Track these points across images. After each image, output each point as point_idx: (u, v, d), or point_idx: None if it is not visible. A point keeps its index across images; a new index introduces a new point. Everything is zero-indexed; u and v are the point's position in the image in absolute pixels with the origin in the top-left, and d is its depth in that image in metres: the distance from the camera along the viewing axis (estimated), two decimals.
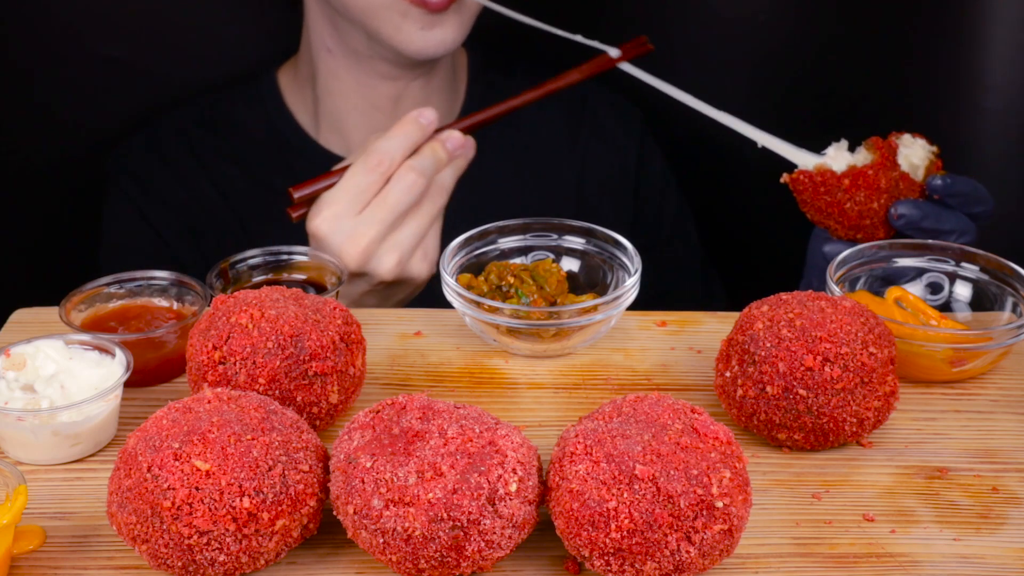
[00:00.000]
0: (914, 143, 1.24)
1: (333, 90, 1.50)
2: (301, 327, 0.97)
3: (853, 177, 1.19)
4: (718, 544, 0.83)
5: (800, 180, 1.22)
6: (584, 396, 1.08)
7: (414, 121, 1.25)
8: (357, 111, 1.51)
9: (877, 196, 1.19)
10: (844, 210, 1.20)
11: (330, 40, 1.47)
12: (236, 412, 0.87)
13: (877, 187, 1.19)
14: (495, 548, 0.83)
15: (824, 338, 0.96)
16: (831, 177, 1.20)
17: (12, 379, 0.99)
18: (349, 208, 1.22)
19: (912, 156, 1.23)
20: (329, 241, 1.23)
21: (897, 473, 0.98)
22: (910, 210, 1.19)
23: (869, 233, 1.21)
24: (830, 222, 1.23)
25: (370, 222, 1.22)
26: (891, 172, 1.20)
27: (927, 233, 1.20)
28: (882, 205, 1.20)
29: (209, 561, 0.83)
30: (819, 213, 1.23)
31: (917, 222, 1.19)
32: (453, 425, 0.84)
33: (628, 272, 1.16)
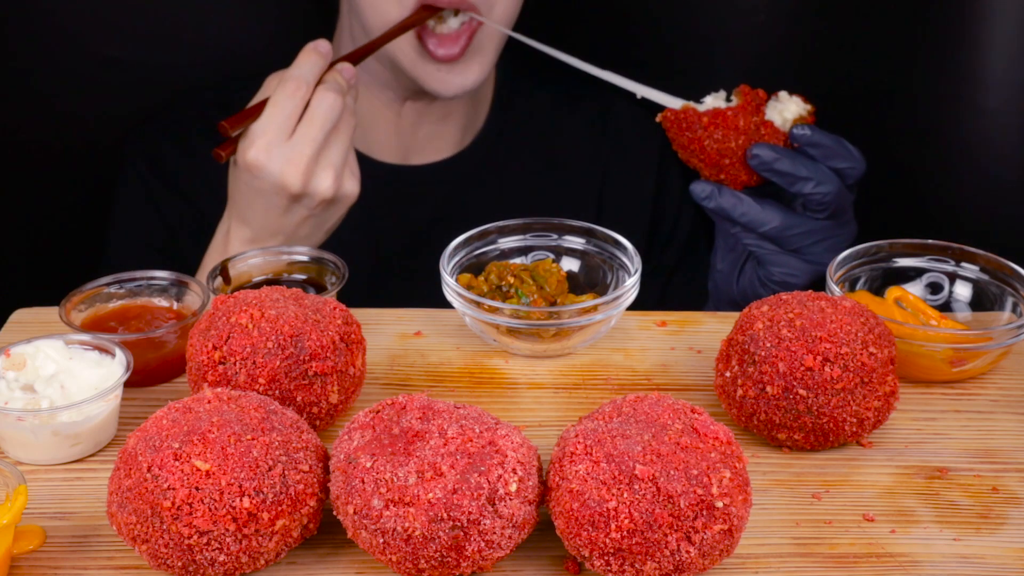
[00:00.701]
0: (790, 100, 1.28)
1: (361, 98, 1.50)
2: (301, 327, 0.97)
3: (712, 116, 1.25)
4: (718, 544, 0.83)
5: (668, 118, 1.28)
6: (584, 396, 1.08)
7: (315, 50, 1.27)
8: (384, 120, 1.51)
9: (735, 136, 1.25)
10: (704, 147, 1.26)
11: None
12: (236, 412, 0.87)
13: (735, 127, 1.25)
14: (495, 548, 0.83)
15: (824, 338, 0.96)
16: (693, 115, 1.26)
17: (12, 379, 0.99)
18: (280, 134, 1.23)
19: (785, 111, 1.27)
20: (268, 170, 1.23)
21: (897, 473, 0.98)
22: (765, 151, 1.24)
23: (731, 174, 1.27)
24: (694, 160, 1.28)
25: (303, 142, 1.23)
26: (751, 116, 1.25)
27: (783, 177, 1.24)
28: (740, 146, 1.25)
29: (209, 561, 0.83)
30: (684, 151, 1.29)
31: (770, 163, 1.24)
32: (453, 425, 0.84)
33: (628, 272, 1.16)
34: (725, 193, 1.27)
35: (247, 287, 1.16)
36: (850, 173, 1.27)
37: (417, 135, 1.53)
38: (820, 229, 1.29)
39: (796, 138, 1.25)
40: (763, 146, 1.25)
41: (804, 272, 1.31)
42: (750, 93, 1.27)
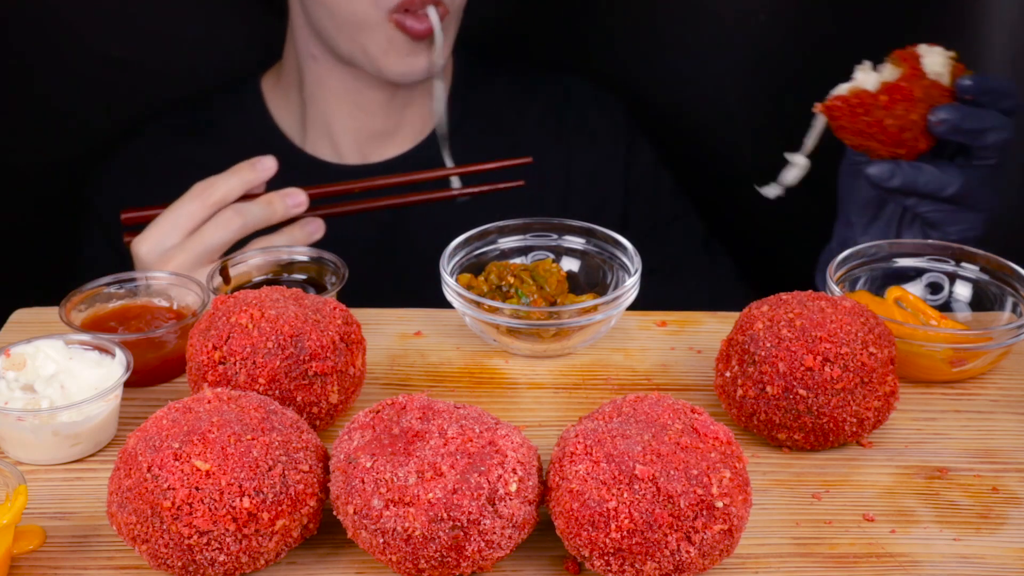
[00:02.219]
0: (931, 51, 1.22)
1: (319, 97, 1.51)
2: (301, 327, 0.97)
3: (889, 92, 1.18)
4: (718, 544, 0.83)
5: (835, 107, 1.21)
6: (584, 396, 1.08)
7: (250, 165, 1.28)
8: (344, 115, 1.51)
9: (915, 107, 1.18)
10: (884, 127, 1.19)
11: (315, 48, 1.47)
12: (236, 412, 0.87)
13: (913, 98, 1.18)
14: (495, 548, 0.83)
15: (824, 338, 0.96)
16: (867, 96, 1.19)
17: (12, 379, 0.99)
18: (169, 233, 1.26)
19: (934, 64, 1.21)
20: (142, 260, 1.27)
21: (897, 473, 0.98)
22: (950, 114, 1.19)
23: (911, 147, 1.21)
24: (871, 143, 1.21)
25: (181, 249, 1.25)
26: (923, 81, 1.19)
27: (969, 135, 1.19)
28: (921, 116, 1.19)
29: (209, 561, 0.83)
30: (859, 136, 1.22)
31: (959, 124, 1.18)
32: (453, 425, 0.84)
33: (628, 272, 1.16)
34: (905, 168, 1.22)
35: (247, 287, 1.16)
36: (1015, 109, 1.23)
37: (383, 123, 1.53)
38: (990, 175, 1.24)
39: (967, 90, 1.20)
40: (945, 108, 1.18)
41: (980, 222, 1.27)
42: (909, 56, 1.20)
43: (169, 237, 1.26)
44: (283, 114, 1.55)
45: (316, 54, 1.48)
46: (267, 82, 1.57)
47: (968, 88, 1.20)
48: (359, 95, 1.49)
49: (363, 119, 1.52)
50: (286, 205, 1.28)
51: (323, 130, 1.53)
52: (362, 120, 1.52)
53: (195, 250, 1.26)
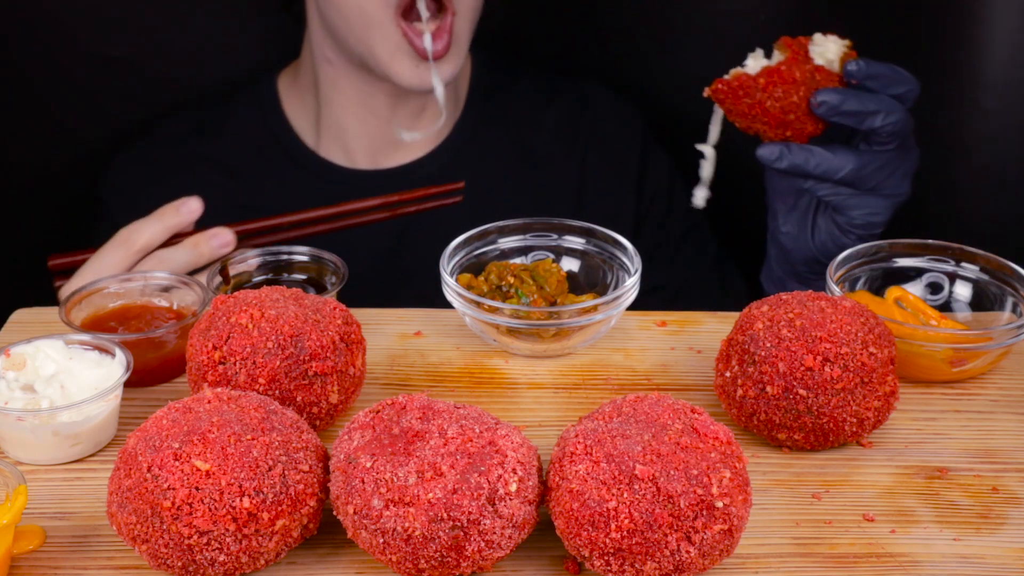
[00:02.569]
0: (826, 40, 1.25)
1: (333, 100, 1.50)
2: (301, 327, 0.97)
3: (768, 75, 1.21)
4: (718, 544, 0.83)
5: (719, 90, 1.23)
6: (584, 396, 1.08)
7: (174, 209, 1.27)
8: (357, 119, 1.51)
9: (795, 89, 1.21)
10: (766, 109, 1.22)
11: (330, 52, 1.47)
12: (236, 412, 0.87)
13: (793, 80, 1.21)
14: (495, 548, 0.83)
15: (824, 338, 0.96)
16: (747, 80, 1.22)
17: (12, 379, 0.99)
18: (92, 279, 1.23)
19: (827, 52, 1.24)
20: None
21: (897, 473, 0.98)
22: (830, 96, 1.20)
23: (798, 129, 1.23)
24: (757, 125, 1.24)
25: None
26: (804, 65, 1.22)
27: (852, 116, 1.21)
28: (802, 97, 1.21)
29: (209, 561, 0.83)
30: (745, 118, 1.24)
31: (838, 106, 1.20)
32: (453, 425, 0.84)
33: (628, 272, 1.16)
34: (794, 149, 1.23)
35: (247, 287, 1.16)
36: (909, 96, 1.24)
37: (388, 134, 1.52)
38: (891, 160, 1.25)
39: (852, 74, 1.22)
40: (826, 91, 1.20)
41: (885, 208, 1.28)
42: (793, 42, 1.23)
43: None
44: (297, 114, 1.55)
45: (331, 57, 1.47)
46: (283, 81, 1.57)
47: (852, 72, 1.22)
48: (371, 99, 1.49)
49: (375, 124, 1.51)
50: (212, 247, 1.26)
51: (336, 134, 1.52)
52: (374, 125, 1.51)
53: None
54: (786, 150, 1.23)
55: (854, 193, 1.26)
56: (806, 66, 1.22)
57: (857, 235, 1.28)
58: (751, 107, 1.22)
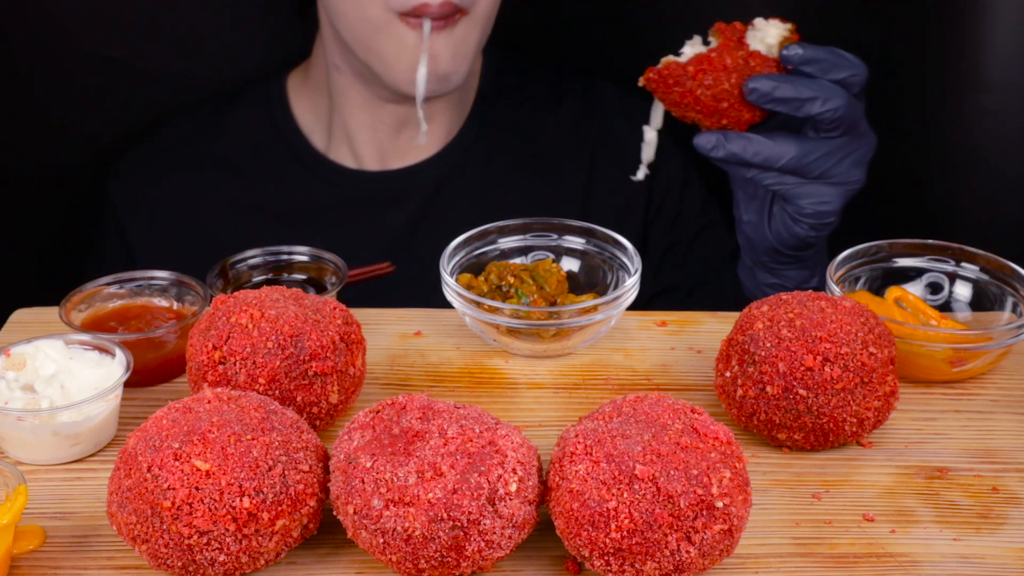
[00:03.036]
0: (767, 24, 1.22)
1: (343, 106, 1.50)
2: (301, 327, 0.97)
3: (697, 63, 1.18)
4: (718, 544, 0.83)
5: (651, 79, 1.21)
6: (584, 396, 1.08)
7: None
8: (365, 127, 1.51)
9: (726, 76, 1.18)
10: (697, 97, 1.19)
11: (339, 59, 1.47)
12: (236, 412, 0.87)
13: (724, 67, 1.18)
14: (495, 548, 0.83)
15: (824, 338, 0.96)
16: (677, 68, 1.19)
17: (12, 379, 0.99)
18: None
19: (767, 37, 1.21)
20: None
21: (897, 473, 0.98)
22: (761, 82, 1.17)
23: (733, 116, 1.20)
24: (691, 114, 1.21)
25: None
26: (737, 51, 1.19)
27: (787, 103, 1.17)
28: (734, 84, 1.18)
29: (209, 561, 0.83)
30: (678, 108, 1.22)
31: (770, 93, 1.17)
32: (453, 425, 0.84)
33: (628, 272, 1.16)
34: (732, 138, 1.20)
35: (247, 287, 1.16)
36: (853, 81, 1.20)
37: (399, 138, 1.52)
38: (839, 147, 1.22)
39: (788, 60, 1.19)
40: (758, 78, 1.17)
41: (835, 196, 1.25)
42: (727, 28, 1.20)
43: None
44: (307, 115, 1.54)
45: (339, 64, 1.47)
46: (293, 81, 1.56)
47: (788, 57, 1.18)
48: (379, 109, 1.48)
49: (383, 131, 1.51)
50: None
51: (345, 137, 1.52)
52: (382, 132, 1.51)
53: None
54: (723, 139, 1.20)
55: (801, 181, 1.23)
56: (739, 52, 1.19)
57: (809, 224, 1.25)
58: (682, 96, 1.19)
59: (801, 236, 1.24)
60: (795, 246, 1.27)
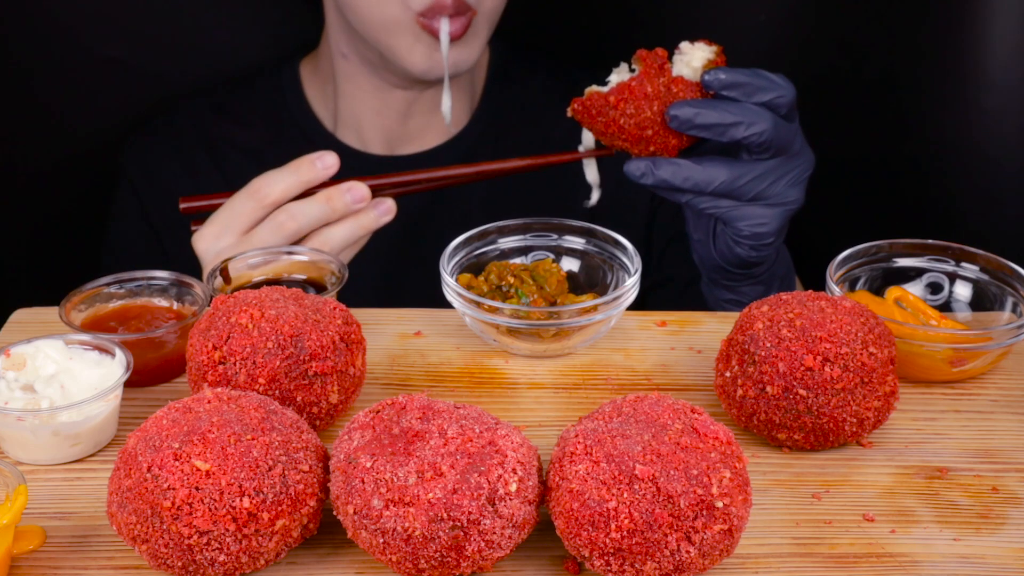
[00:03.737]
0: (693, 48, 1.21)
1: (348, 93, 1.51)
2: (301, 327, 0.97)
3: (618, 92, 1.18)
4: (718, 544, 0.83)
5: (576, 110, 1.21)
6: (584, 396, 1.08)
7: (310, 163, 1.24)
8: (372, 113, 1.52)
9: (648, 104, 1.18)
10: (621, 127, 1.19)
11: (345, 47, 1.48)
12: (236, 412, 0.87)
13: (644, 95, 1.17)
14: (495, 548, 0.83)
15: (824, 338, 0.96)
16: (598, 98, 1.19)
17: (12, 379, 0.99)
18: (221, 231, 1.23)
19: (693, 60, 1.20)
20: (201, 259, 1.25)
21: (897, 473, 0.98)
22: (682, 109, 1.17)
23: (660, 144, 1.20)
24: (618, 143, 1.21)
25: (234, 251, 1.22)
26: (657, 79, 1.18)
27: (710, 129, 1.17)
28: (657, 112, 1.18)
29: (209, 561, 0.83)
30: (605, 137, 1.22)
31: (691, 120, 1.17)
32: (453, 425, 0.84)
33: (628, 272, 1.16)
34: (661, 164, 1.19)
35: (247, 287, 1.16)
36: (779, 102, 1.20)
37: (407, 125, 1.53)
38: (772, 169, 1.21)
39: (709, 85, 1.18)
40: (679, 105, 1.17)
41: (772, 217, 1.24)
42: (648, 55, 1.19)
43: (223, 237, 1.23)
44: (318, 102, 1.56)
45: (346, 52, 1.48)
46: (305, 68, 1.57)
47: (708, 83, 1.18)
48: (387, 94, 1.49)
49: (391, 117, 1.52)
50: (346, 202, 1.23)
51: (352, 125, 1.54)
52: (389, 118, 1.52)
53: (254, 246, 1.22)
54: (652, 166, 1.20)
55: (736, 204, 1.23)
56: (660, 79, 1.18)
57: (749, 245, 1.25)
58: (607, 125, 1.19)
59: (743, 257, 1.24)
60: (740, 265, 1.28)
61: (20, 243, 1.65)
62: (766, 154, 1.20)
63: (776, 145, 1.20)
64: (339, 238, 1.24)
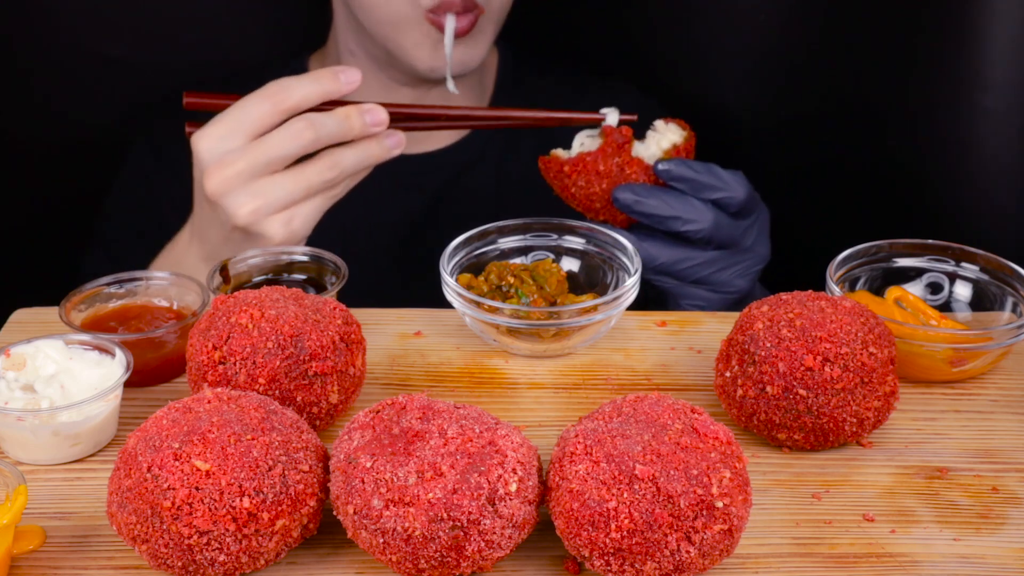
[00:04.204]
0: (666, 128, 1.24)
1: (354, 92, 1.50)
2: (301, 327, 0.97)
3: (573, 164, 1.22)
4: (718, 544, 0.83)
5: (541, 167, 1.26)
6: (584, 396, 1.08)
7: (332, 74, 1.18)
8: None
9: (598, 180, 1.21)
10: (573, 194, 1.24)
11: (353, 44, 1.47)
12: (236, 412, 0.87)
13: (596, 172, 1.21)
14: (495, 548, 0.83)
15: (824, 338, 0.96)
16: (556, 163, 1.24)
17: (12, 379, 0.99)
18: (229, 133, 1.15)
19: (662, 141, 1.23)
20: (200, 159, 1.17)
21: (897, 473, 0.98)
22: (625, 194, 1.19)
23: (608, 215, 1.24)
24: (573, 204, 1.26)
25: (242, 155, 1.14)
26: (612, 158, 1.21)
27: (650, 218, 1.19)
28: (605, 189, 1.22)
29: (209, 561, 0.83)
30: (561, 196, 1.26)
31: (630, 206, 1.19)
32: (453, 425, 0.84)
33: (628, 272, 1.16)
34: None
35: (247, 287, 1.16)
36: (728, 202, 1.21)
37: None
38: (715, 259, 1.23)
39: (659, 174, 1.20)
40: (624, 188, 1.20)
41: (713, 302, 1.26)
42: (612, 132, 1.22)
43: (231, 139, 1.15)
44: None
45: (353, 49, 1.47)
46: (313, 65, 1.57)
47: (660, 173, 1.21)
48: (393, 93, 1.49)
49: None
50: (364, 123, 1.18)
51: None
52: None
53: (257, 159, 1.14)
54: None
55: (678, 284, 1.25)
56: (615, 159, 1.21)
57: None
58: (561, 189, 1.25)
59: None
60: None
61: (20, 243, 1.65)
62: (708, 247, 1.22)
63: (717, 241, 1.22)
64: (350, 160, 1.19)
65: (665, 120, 1.26)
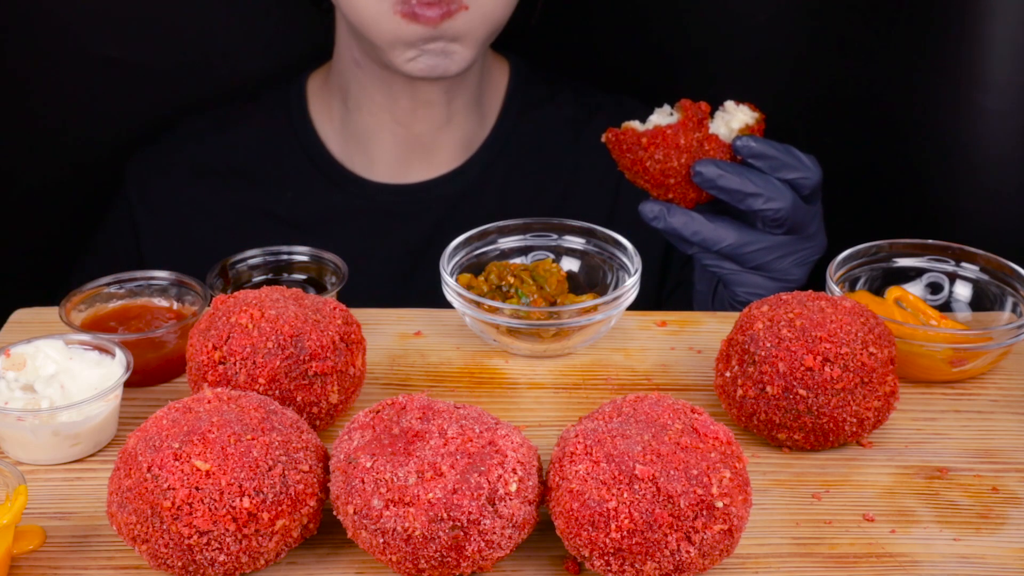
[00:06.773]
0: (737, 109, 1.22)
1: (361, 105, 1.48)
2: (301, 327, 0.97)
3: (652, 136, 1.19)
4: (718, 544, 0.83)
5: (609, 139, 1.22)
6: (584, 396, 1.08)
7: None
8: (383, 127, 1.48)
9: (677, 155, 1.18)
10: (646, 168, 1.20)
11: (357, 52, 1.44)
12: (236, 412, 0.87)
13: (676, 145, 1.18)
14: (495, 548, 0.83)
15: (824, 338, 0.96)
16: (632, 135, 1.20)
17: (12, 379, 0.99)
18: None
19: (732, 121, 1.21)
20: None
21: (897, 473, 0.98)
22: (708, 168, 1.18)
23: (678, 193, 1.21)
24: (639, 181, 1.22)
25: None
26: (693, 132, 1.19)
27: (730, 194, 1.18)
28: (683, 164, 1.19)
29: (209, 561, 0.83)
30: (628, 172, 1.23)
31: (714, 180, 1.17)
32: (453, 425, 0.84)
33: (628, 272, 1.16)
34: (675, 212, 1.20)
35: (247, 287, 1.16)
36: (803, 183, 1.20)
37: (417, 144, 1.49)
38: (781, 244, 1.23)
39: (738, 150, 1.19)
40: (706, 163, 1.18)
41: (769, 290, 1.24)
42: (691, 107, 1.20)
43: None
44: (323, 120, 1.52)
45: (358, 58, 1.45)
46: (313, 84, 1.54)
47: (739, 148, 1.19)
48: (395, 104, 1.46)
49: (400, 133, 1.48)
50: None
51: (361, 142, 1.50)
52: (399, 134, 1.48)
53: None
54: (666, 211, 1.20)
55: (738, 269, 1.24)
56: (696, 133, 1.19)
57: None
58: (633, 163, 1.20)
59: None
60: None
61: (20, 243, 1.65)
62: (779, 229, 1.21)
63: (790, 223, 1.21)
64: None
65: (736, 102, 1.23)
